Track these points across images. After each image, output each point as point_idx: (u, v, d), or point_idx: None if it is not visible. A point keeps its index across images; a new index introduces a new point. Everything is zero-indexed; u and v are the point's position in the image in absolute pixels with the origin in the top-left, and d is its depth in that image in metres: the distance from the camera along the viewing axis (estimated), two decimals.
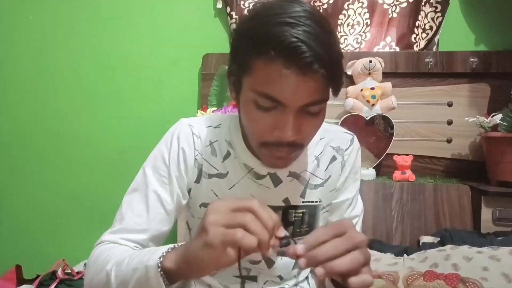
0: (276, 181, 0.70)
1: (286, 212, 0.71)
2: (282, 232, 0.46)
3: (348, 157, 0.75)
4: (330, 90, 0.58)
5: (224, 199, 0.47)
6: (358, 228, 0.76)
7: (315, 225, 0.74)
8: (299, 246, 0.47)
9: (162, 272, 0.49)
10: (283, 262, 0.74)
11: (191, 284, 0.79)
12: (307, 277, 0.82)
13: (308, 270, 0.80)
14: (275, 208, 0.70)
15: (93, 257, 0.62)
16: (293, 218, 0.71)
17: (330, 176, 0.74)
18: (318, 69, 0.51)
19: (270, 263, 0.74)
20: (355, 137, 0.77)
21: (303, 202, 0.72)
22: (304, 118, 0.57)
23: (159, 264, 0.49)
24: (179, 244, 0.51)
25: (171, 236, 0.74)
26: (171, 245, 0.52)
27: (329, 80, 0.54)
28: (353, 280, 0.47)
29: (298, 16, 0.52)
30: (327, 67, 0.52)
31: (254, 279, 0.75)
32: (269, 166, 0.67)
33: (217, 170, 0.70)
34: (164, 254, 0.50)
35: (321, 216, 0.74)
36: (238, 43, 0.59)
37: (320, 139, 0.74)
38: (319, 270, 0.45)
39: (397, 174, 1.42)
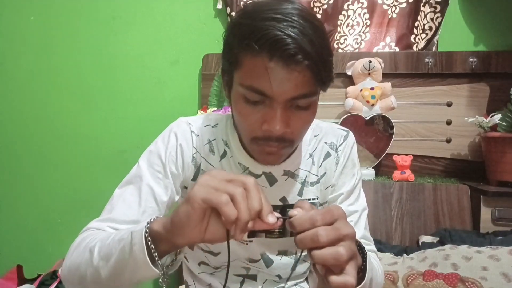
0: (272, 180, 0.70)
1: (284, 211, 0.71)
2: (272, 219, 0.44)
3: (342, 152, 0.74)
4: (321, 84, 0.57)
5: (224, 170, 0.45)
6: (362, 225, 0.75)
7: None
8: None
9: (147, 235, 0.47)
10: (282, 262, 0.75)
11: (190, 284, 0.80)
12: (306, 277, 0.82)
13: (307, 268, 0.80)
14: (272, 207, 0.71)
15: (76, 242, 0.61)
16: None
17: (325, 172, 0.74)
18: (302, 60, 0.52)
19: (268, 262, 0.74)
20: (350, 133, 0.77)
21: (284, 206, 0.72)
22: (293, 112, 0.57)
23: (147, 228, 0.47)
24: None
25: None
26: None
27: (315, 73, 0.54)
28: (333, 278, 0.45)
29: (285, 12, 0.53)
30: (312, 59, 0.52)
31: (253, 278, 0.75)
32: (261, 163, 0.67)
33: (215, 168, 0.71)
34: (153, 219, 0.49)
35: None
36: (228, 39, 0.60)
37: (314, 136, 0.75)
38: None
39: (396, 174, 1.43)
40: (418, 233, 1.32)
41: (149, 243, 0.47)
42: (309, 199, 0.72)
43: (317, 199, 0.73)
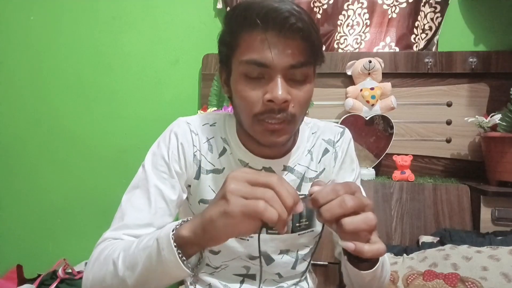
0: None
1: None
2: (300, 207, 0.47)
3: (340, 148, 0.77)
4: (314, 55, 0.61)
5: (244, 169, 0.46)
6: None
7: (314, 218, 0.74)
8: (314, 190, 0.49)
9: (174, 241, 0.48)
10: (282, 261, 0.75)
11: (190, 284, 0.80)
12: (306, 277, 0.82)
13: (306, 267, 0.80)
14: None
15: (95, 255, 0.60)
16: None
17: (324, 168, 0.76)
18: (295, 23, 0.56)
19: (269, 260, 0.74)
20: (346, 130, 0.80)
21: (299, 195, 0.72)
22: (292, 85, 0.60)
23: (172, 235, 0.48)
24: (191, 218, 0.51)
25: None
26: (184, 219, 0.51)
27: (308, 41, 0.58)
28: (366, 248, 0.48)
29: None
30: (304, 23, 0.56)
31: (253, 277, 0.75)
32: (265, 144, 0.65)
33: (214, 166, 0.71)
34: (178, 226, 0.50)
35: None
36: (223, 31, 0.64)
37: (312, 133, 0.77)
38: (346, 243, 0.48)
39: (396, 174, 1.43)
40: (418, 233, 1.32)
41: (176, 248, 0.48)
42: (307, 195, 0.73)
43: None
